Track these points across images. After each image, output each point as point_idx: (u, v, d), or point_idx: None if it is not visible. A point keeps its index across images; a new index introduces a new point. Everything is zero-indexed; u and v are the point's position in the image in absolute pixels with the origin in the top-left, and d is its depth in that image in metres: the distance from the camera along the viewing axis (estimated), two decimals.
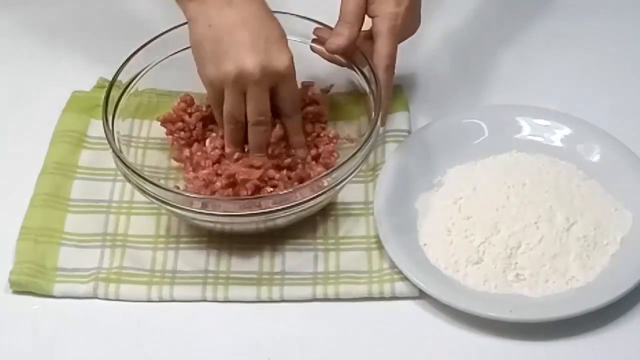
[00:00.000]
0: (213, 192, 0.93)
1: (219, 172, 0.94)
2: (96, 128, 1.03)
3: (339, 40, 0.97)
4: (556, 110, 1.03)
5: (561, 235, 0.91)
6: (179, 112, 0.99)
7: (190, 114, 0.99)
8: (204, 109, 1.00)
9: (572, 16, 1.18)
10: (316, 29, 1.00)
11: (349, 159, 0.89)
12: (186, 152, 0.98)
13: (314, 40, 1.01)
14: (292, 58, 0.92)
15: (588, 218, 0.93)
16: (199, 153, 0.98)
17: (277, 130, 0.95)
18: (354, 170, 0.91)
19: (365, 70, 0.97)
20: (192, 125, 0.99)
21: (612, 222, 0.94)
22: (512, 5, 1.20)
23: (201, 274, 0.92)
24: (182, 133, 0.99)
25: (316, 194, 0.89)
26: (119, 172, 0.93)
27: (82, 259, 0.93)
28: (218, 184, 0.93)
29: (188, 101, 1.00)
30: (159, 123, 1.00)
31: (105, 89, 0.95)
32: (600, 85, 1.10)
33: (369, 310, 0.90)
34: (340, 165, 0.89)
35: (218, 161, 0.97)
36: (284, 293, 0.91)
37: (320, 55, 1.00)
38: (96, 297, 0.91)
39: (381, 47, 0.97)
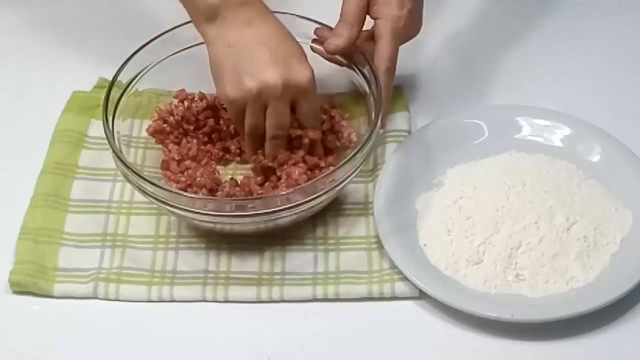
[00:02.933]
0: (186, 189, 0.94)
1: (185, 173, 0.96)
2: (96, 128, 1.03)
3: (338, 41, 0.97)
4: (556, 110, 1.03)
5: (561, 235, 0.91)
6: (162, 114, 0.99)
7: (173, 114, 0.99)
8: (196, 99, 1.00)
9: (572, 16, 1.18)
10: (317, 28, 1.00)
11: (349, 159, 0.89)
12: (174, 151, 0.99)
13: (314, 40, 1.01)
14: (312, 73, 0.92)
15: (588, 218, 0.93)
16: (188, 152, 0.98)
17: (284, 155, 0.95)
18: (354, 171, 0.91)
19: (366, 70, 0.97)
20: (175, 122, 0.99)
21: (612, 222, 0.94)
22: (513, 6, 1.20)
23: (201, 274, 0.92)
24: (171, 136, 0.99)
25: (316, 195, 0.89)
26: (119, 172, 0.93)
27: (82, 259, 0.93)
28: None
29: (180, 97, 1.00)
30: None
31: (105, 89, 0.95)
32: (600, 85, 1.10)
33: (369, 310, 0.90)
34: (340, 166, 0.89)
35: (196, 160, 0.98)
36: (284, 293, 0.91)
37: (320, 55, 1.00)
38: (96, 298, 0.91)
39: (383, 49, 0.97)
